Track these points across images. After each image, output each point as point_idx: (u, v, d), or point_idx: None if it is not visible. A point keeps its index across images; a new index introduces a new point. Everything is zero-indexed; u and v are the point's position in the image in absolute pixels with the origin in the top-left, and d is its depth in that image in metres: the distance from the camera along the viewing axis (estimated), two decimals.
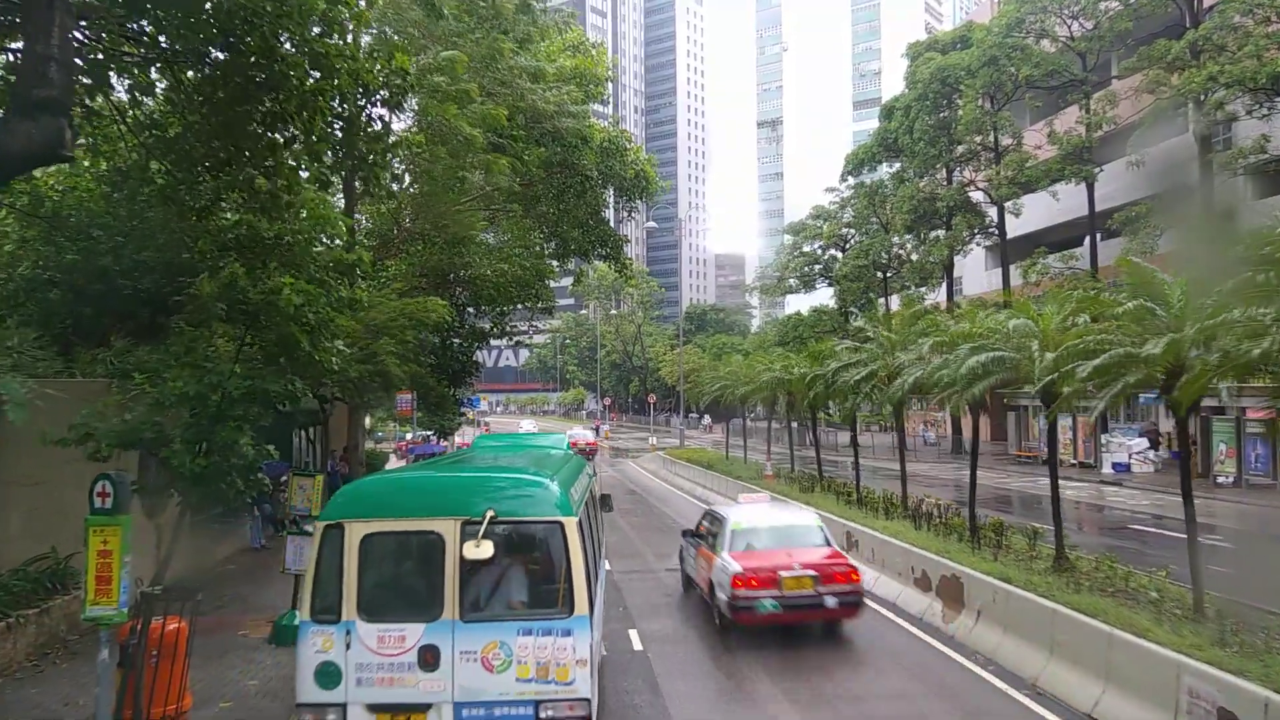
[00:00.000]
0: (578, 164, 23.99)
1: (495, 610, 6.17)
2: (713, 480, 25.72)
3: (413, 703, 5.94)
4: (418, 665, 5.94)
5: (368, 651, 5.95)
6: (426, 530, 6.14)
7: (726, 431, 30.75)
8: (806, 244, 47.44)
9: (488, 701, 5.92)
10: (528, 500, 6.37)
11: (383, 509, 6.29)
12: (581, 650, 6.02)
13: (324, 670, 5.98)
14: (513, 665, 5.94)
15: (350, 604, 6.02)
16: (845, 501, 17.37)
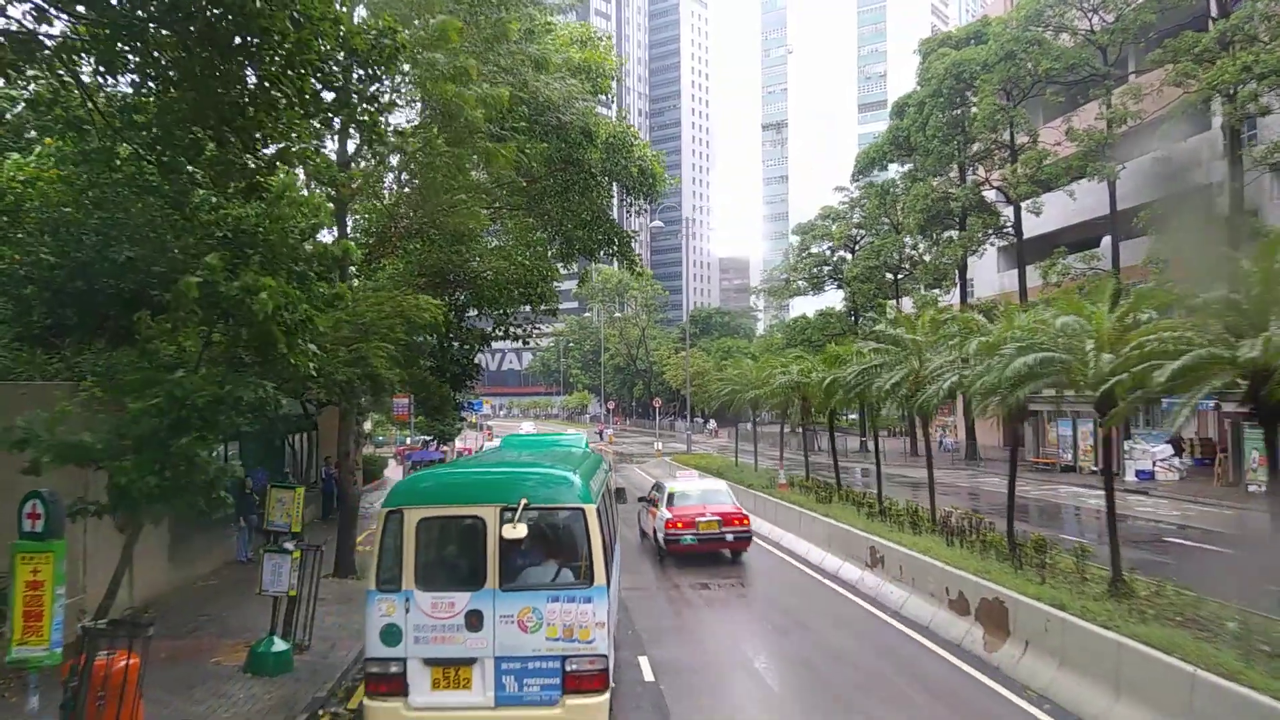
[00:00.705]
0: (582, 160, 23.05)
1: (528, 581, 7.33)
2: None
3: (461, 657, 7.08)
4: (464, 627, 7.09)
5: (423, 615, 7.09)
6: (471, 515, 7.36)
7: (736, 437, 29.74)
8: (815, 245, 46.42)
9: (523, 657, 7.07)
10: (555, 490, 7.56)
11: (435, 497, 7.54)
12: (600, 615, 7.18)
13: (387, 630, 7.11)
14: (543, 627, 7.09)
15: (409, 576, 7.16)
16: (867, 513, 16.34)
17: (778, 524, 19.23)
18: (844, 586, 14.31)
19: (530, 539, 7.23)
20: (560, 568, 7.51)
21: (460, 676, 7.11)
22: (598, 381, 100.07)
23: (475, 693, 7.08)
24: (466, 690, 7.09)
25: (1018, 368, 9.48)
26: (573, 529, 7.49)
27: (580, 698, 7.06)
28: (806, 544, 17.13)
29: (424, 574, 7.24)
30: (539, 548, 7.52)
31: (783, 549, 17.99)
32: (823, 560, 15.98)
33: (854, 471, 34.96)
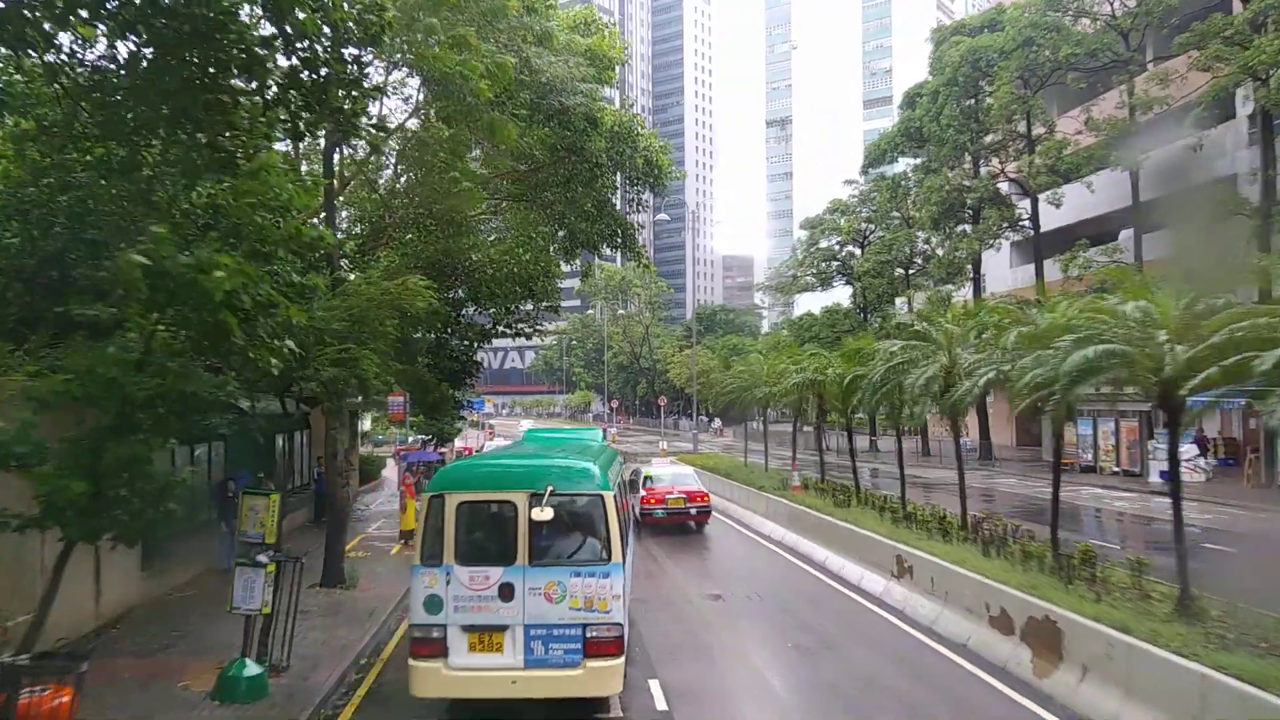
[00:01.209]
0: (586, 149, 22.03)
1: (554, 558, 8.11)
2: (732, 490, 23.65)
3: (494, 624, 7.87)
4: (498, 597, 7.88)
5: (462, 587, 7.88)
6: (504, 500, 8.20)
7: (745, 436, 28.73)
8: (824, 239, 45.33)
9: (549, 624, 7.86)
10: (577, 479, 8.36)
11: (472, 484, 8.39)
12: (616, 589, 7.98)
13: (430, 600, 7.91)
14: (567, 598, 7.88)
15: (449, 552, 7.96)
16: (891, 518, 15.31)
17: (792, 528, 18.22)
18: (868, 599, 13.29)
19: (555, 521, 8.14)
20: (582, 546, 8.37)
21: (493, 641, 7.98)
22: (601, 380, 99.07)
23: (507, 655, 7.95)
24: (499, 653, 7.96)
25: (1077, 361, 8.46)
26: (593, 513, 8.37)
27: (599, 661, 7.95)
28: (825, 550, 16.11)
29: (462, 551, 8.10)
30: (563, 529, 8.42)
31: (799, 555, 16.99)
32: (843, 569, 14.97)
33: (864, 472, 33.95)
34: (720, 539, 19.84)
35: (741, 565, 16.83)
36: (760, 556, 17.43)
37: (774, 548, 18.09)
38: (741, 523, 21.45)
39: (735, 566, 16.81)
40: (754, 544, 18.83)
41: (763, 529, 19.84)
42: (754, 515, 21.02)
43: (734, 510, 22.89)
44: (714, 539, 19.89)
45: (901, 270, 40.26)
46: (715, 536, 20.18)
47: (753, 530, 20.26)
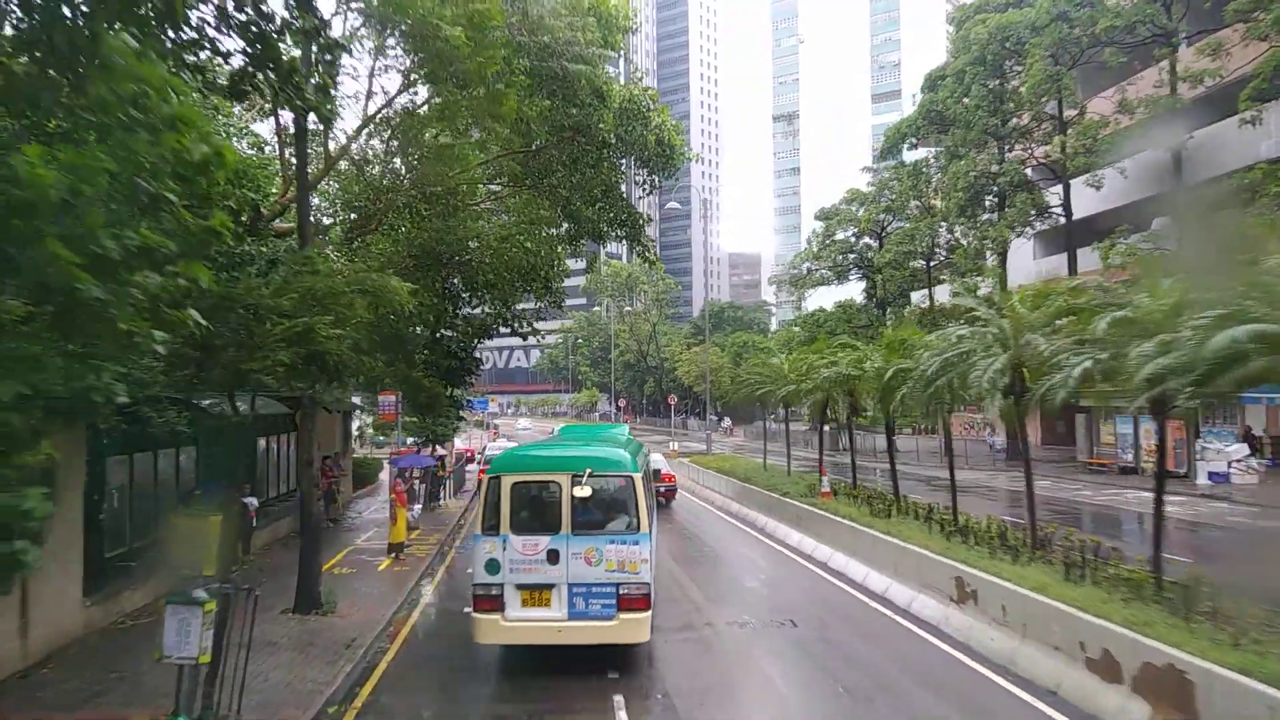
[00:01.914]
0: (593, 127, 20.24)
1: (593, 529, 9.70)
2: (754, 497, 21.83)
3: (543, 583, 9.57)
4: (546, 561, 9.55)
5: (516, 552, 9.58)
6: (551, 480, 9.86)
7: (764, 436, 26.92)
8: (840, 231, 43.44)
9: (588, 583, 9.51)
10: (611, 463, 10.00)
11: (524, 468, 10.15)
12: (644, 554, 9.63)
13: (490, 563, 9.62)
14: (603, 562, 9.53)
15: (505, 523, 9.64)
16: (942, 531, 13.49)
17: (824, 541, 16.42)
18: (922, 627, 11.48)
19: (593, 498, 9.60)
20: (615, 519, 9.78)
21: (542, 597, 9.48)
22: (607, 379, 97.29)
23: (553, 609, 9.45)
24: (547, 608, 9.46)
25: (1222, 344, 6.68)
26: (624, 492, 9.83)
27: (630, 614, 9.40)
28: (864, 567, 14.31)
29: (516, 522, 9.60)
30: (600, 504, 9.79)
31: (832, 571, 15.19)
32: (888, 589, 13.16)
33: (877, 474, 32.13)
34: (745, 552, 18.05)
35: (770, 584, 15.03)
36: (790, 573, 15.64)
37: (804, 562, 16.30)
38: (765, 532, 19.65)
39: (764, 586, 15.02)
40: (781, 558, 17.04)
41: (789, 539, 18.05)
42: (779, 524, 19.22)
43: (756, 518, 21.09)
44: (737, 551, 18.11)
45: (922, 262, 38.37)
46: (739, 549, 18.41)
47: (778, 541, 18.47)
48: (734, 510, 23.12)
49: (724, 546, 18.85)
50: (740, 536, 19.90)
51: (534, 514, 9.86)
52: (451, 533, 21.23)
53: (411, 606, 13.72)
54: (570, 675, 9.84)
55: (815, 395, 17.82)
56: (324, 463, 21.68)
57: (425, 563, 17.01)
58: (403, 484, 18.47)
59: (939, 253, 37.97)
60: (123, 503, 13.31)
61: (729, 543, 19.28)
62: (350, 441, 27.24)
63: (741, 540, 19.39)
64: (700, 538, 20.28)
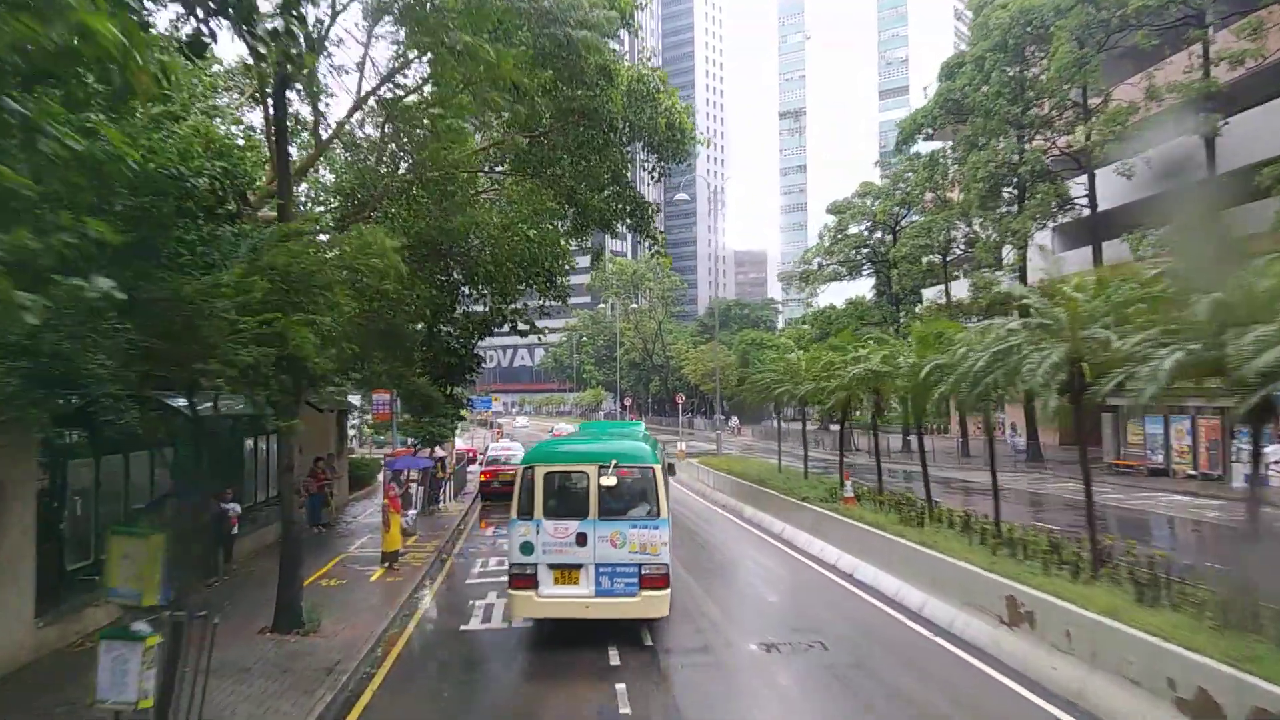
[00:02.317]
0: (600, 110, 19.06)
1: (617, 514, 10.68)
2: (769, 502, 20.63)
3: (572, 563, 10.53)
4: (575, 543, 10.52)
5: (548, 535, 10.55)
6: (579, 470, 10.88)
7: (778, 437, 25.70)
8: (853, 225, 42.19)
9: (613, 564, 10.47)
10: (634, 456, 11.10)
11: (556, 459, 11.27)
12: (664, 538, 10.61)
13: (524, 545, 10.59)
14: (627, 544, 10.48)
15: (538, 509, 10.63)
16: (984, 543, 12.30)
17: (849, 550, 15.23)
18: (969, 651, 10.29)
19: (618, 487, 10.65)
20: (637, 506, 10.73)
21: (571, 576, 10.52)
22: (612, 377, 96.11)
23: (581, 587, 10.49)
24: (575, 585, 10.50)
25: None
26: (645, 482, 10.81)
27: (651, 592, 10.42)
28: (895, 580, 13.12)
29: (548, 508, 10.61)
30: (623, 493, 10.76)
31: (859, 584, 14.01)
32: (924, 606, 11.97)
33: (898, 475, 30.94)
34: (763, 560, 16.89)
35: (794, 599, 13.87)
36: (814, 586, 14.46)
37: (828, 573, 15.12)
38: (783, 539, 18.47)
39: (786, 601, 13.85)
40: (802, 568, 15.86)
41: (810, 548, 16.87)
42: (798, 531, 18.04)
43: (771, 524, 19.91)
44: (755, 560, 16.94)
45: (938, 257, 37.10)
46: (756, 557, 17.24)
47: (798, 549, 17.29)
48: (748, 515, 21.95)
49: (740, 555, 17.69)
50: (757, 544, 18.73)
51: (564, 501, 10.82)
52: (450, 538, 20.10)
53: (404, 622, 12.59)
54: (579, 711, 8.73)
55: (839, 394, 16.61)
56: (316, 465, 20.59)
57: (421, 572, 15.87)
58: (397, 488, 17.33)
59: (956, 247, 36.68)
60: (88, 510, 12.20)
61: (745, 550, 18.12)
62: (346, 442, 26.14)
63: (758, 548, 18.22)
64: (714, 545, 19.11)
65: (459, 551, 18.70)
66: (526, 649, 11.33)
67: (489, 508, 26.33)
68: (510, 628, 12.02)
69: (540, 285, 22.23)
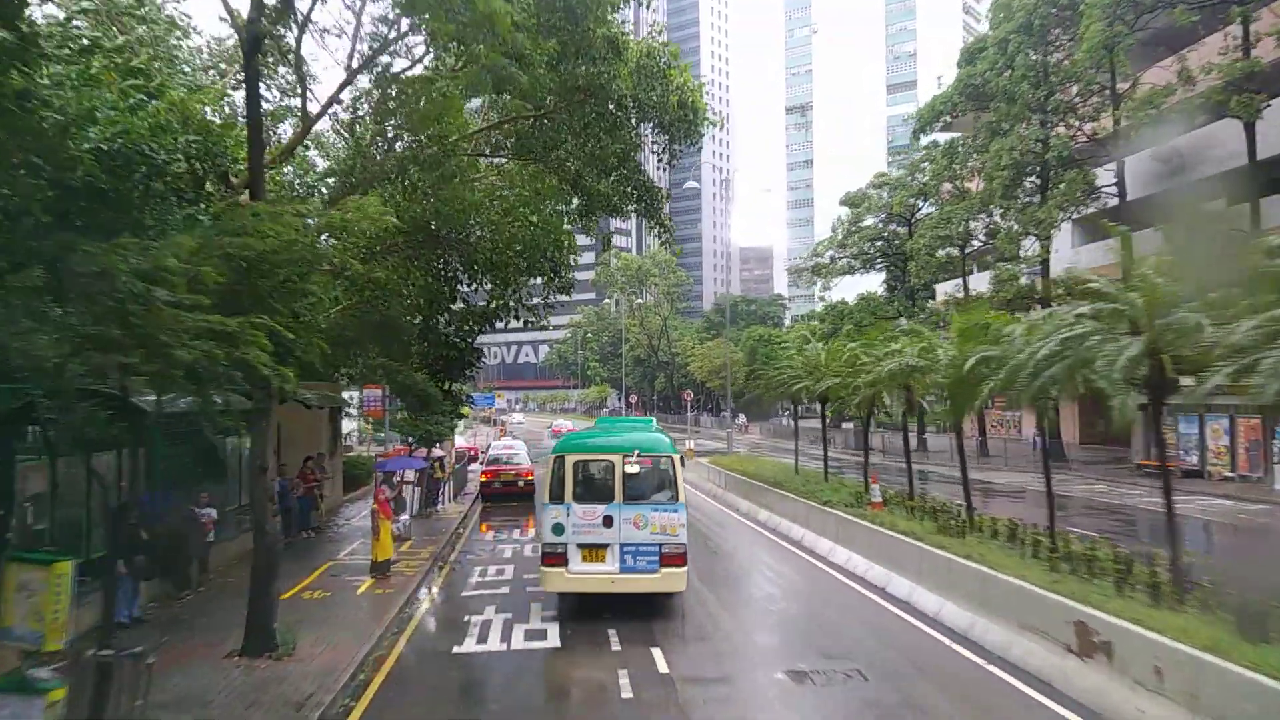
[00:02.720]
0: (606, 88, 17.78)
1: (640, 499, 11.73)
2: (787, 506, 19.35)
3: (599, 543, 11.56)
4: (601, 525, 11.57)
5: (577, 518, 11.60)
6: (606, 459, 11.89)
7: (795, 436, 24.38)
8: (868, 217, 40.81)
9: (636, 544, 11.51)
10: (654, 446, 12.07)
11: (584, 449, 12.24)
12: (681, 520, 11.67)
13: (556, 527, 11.63)
14: (648, 526, 11.51)
15: (569, 494, 11.69)
16: (1037, 557, 11.01)
17: (878, 560, 13.97)
18: (1030, 684, 9.01)
19: (640, 474, 11.82)
20: (658, 491, 11.93)
21: (598, 555, 11.64)
22: (616, 374, 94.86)
23: (607, 564, 11.61)
24: (602, 563, 11.62)
25: None
26: (665, 469, 11.98)
27: (670, 569, 11.54)
28: (935, 598, 11.85)
29: (578, 493, 11.79)
30: (645, 479, 11.94)
31: (893, 599, 12.74)
32: (972, 628, 10.70)
33: (928, 479, 29.60)
34: (784, 571, 15.62)
35: (822, 616, 12.58)
36: (843, 601, 13.18)
37: (857, 586, 13.85)
38: (804, 547, 17.20)
39: (813, 618, 12.57)
40: (828, 580, 14.59)
41: (834, 557, 15.60)
42: (819, 538, 16.77)
43: (790, 529, 18.63)
44: (775, 571, 15.68)
45: (955, 250, 35.73)
46: (776, 567, 15.97)
47: (821, 559, 16.02)
48: (763, 519, 20.68)
49: (758, 563, 16.43)
50: (776, 551, 17.46)
51: (592, 487, 11.87)
52: (448, 543, 18.87)
53: (392, 641, 11.36)
54: None
55: (866, 391, 15.31)
56: (305, 465, 19.38)
57: (414, 582, 14.64)
58: (388, 490, 16.09)
59: (975, 239, 35.31)
60: (41, 517, 11.00)
61: (762, 558, 16.86)
62: (340, 440, 24.92)
63: (777, 555, 16.96)
64: (729, 552, 17.86)
65: (456, 558, 17.48)
66: (527, 675, 10.10)
67: (490, 509, 25.11)
68: (509, 650, 10.81)
69: (544, 271, 20.96)
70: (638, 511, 11.55)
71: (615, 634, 11.17)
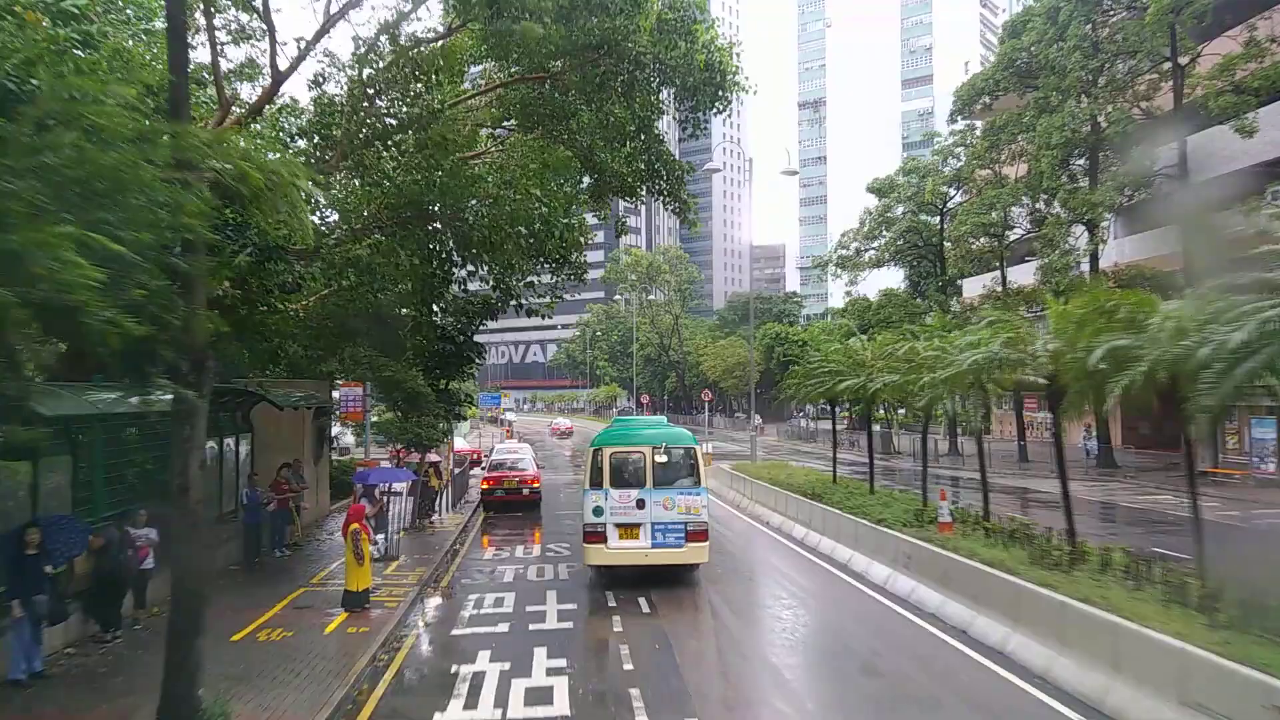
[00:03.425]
0: (623, 44, 15.42)
1: (667, 484, 13.55)
2: (829, 523, 16.86)
3: (633, 522, 13.39)
4: (635, 507, 13.39)
5: (614, 501, 13.43)
6: (637, 451, 13.74)
7: (834, 443, 21.76)
8: (897, 206, 38.20)
9: (665, 522, 13.33)
10: (679, 440, 14.07)
11: (619, 442, 13.99)
12: (703, 502, 13.62)
13: (596, 509, 13.45)
14: (675, 507, 13.33)
15: (606, 480, 13.55)
16: (1183, 604, 8.53)
17: (954, 595, 11.51)
18: None
19: (668, 463, 13.66)
20: (683, 477, 13.72)
21: (633, 532, 13.46)
22: (626, 374, 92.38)
23: (640, 541, 13.45)
24: (636, 540, 13.46)
25: None
26: (688, 458, 13.86)
27: (695, 544, 13.44)
28: (1043, 650, 9.38)
29: (614, 479, 13.63)
30: (672, 467, 13.73)
31: (979, 646, 10.29)
32: (1107, 696, 8.23)
33: (943, 480, 27.17)
34: (843, 606, 13.17)
35: (901, 675, 10.10)
36: (928, 652, 10.68)
37: (929, 627, 11.39)
38: (853, 573, 14.74)
39: (893, 679, 10.08)
40: (892, 619, 12.12)
41: (895, 588, 13.14)
42: (872, 563, 14.33)
43: (834, 550, 16.16)
44: (830, 605, 13.25)
45: (987, 240, 33.10)
46: (829, 600, 13.54)
47: (877, 588, 13.58)
48: (799, 537, 18.22)
49: (798, 591, 14.00)
50: (818, 575, 15.03)
51: (626, 474, 13.65)
52: (442, 562, 16.47)
53: (356, 706, 8.98)
54: None
55: (938, 389, 12.84)
56: (279, 473, 17.04)
57: (395, 617, 12.28)
58: (369, 505, 13.71)
59: (1016, 227, 32.68)
60: None
61: (800, 581, 14.47)
62: (327, 444, 22.56)
63: (821, 580, 14.55)
64: (762, 575, 15.44)
65: (449, 582, 15.11)
66: None
67: (493, 520, 22.74)
68: (504, 719, 8.44)
69: (552, 252, 18.50)
70: (666, 495, 13.48)
71: (639, 697, 8.78)
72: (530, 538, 19.39)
